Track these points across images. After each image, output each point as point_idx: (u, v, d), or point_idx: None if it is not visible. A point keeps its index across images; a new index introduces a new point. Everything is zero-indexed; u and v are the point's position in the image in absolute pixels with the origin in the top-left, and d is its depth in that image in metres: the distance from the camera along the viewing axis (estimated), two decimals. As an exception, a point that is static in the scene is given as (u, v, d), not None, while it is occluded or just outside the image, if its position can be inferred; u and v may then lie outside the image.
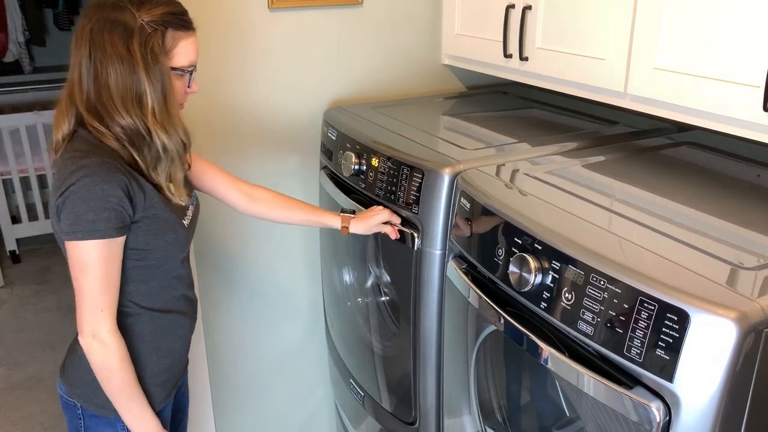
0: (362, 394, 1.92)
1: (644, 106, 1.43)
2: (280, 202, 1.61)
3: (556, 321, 1.12)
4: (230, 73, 1.89)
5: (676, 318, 0.92)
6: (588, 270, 1.06)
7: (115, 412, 1.30)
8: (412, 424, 1.71)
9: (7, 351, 3.29)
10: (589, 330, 1.05)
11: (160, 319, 1.35)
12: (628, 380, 1.00)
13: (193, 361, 2.06)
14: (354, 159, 1.69)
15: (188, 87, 1.31)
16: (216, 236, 2.01)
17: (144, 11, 1.19)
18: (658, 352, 0.95)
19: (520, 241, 1.21)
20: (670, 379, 0.94)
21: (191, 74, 1.29)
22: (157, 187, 1.26)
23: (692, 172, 1.45)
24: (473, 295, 1.32)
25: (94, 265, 1.18)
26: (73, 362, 1.34)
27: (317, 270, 2.20)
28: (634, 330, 0.98)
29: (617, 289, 1.01)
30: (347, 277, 1.93)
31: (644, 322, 0.96)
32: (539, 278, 1.15)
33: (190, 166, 1.42)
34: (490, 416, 1.39)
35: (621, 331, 1.00)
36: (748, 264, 1.03)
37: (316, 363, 2.32)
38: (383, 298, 1.78)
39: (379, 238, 1.67)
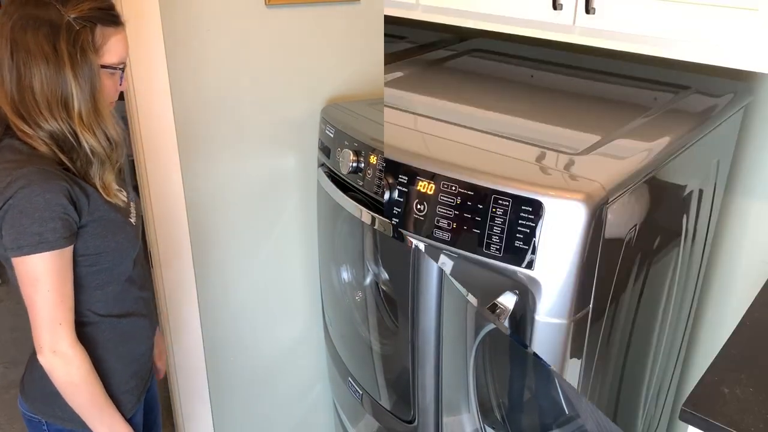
0: (360, 392, 1.92)
1: (437, 16, 1.35)
2: None
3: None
4: (227, 71, 1.88)
5: (530, 209, 0.98)
6: (438, 178, 1.11)
7: (81, 423, 1.25)
8: (411, 422, 1.71)
9: (3, 349, 3.28)
10: (446, 236, 1.10)
11: (121, 325, 1.31)
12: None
13: (190, 358, 2.06)
14: (352, 156, 1.68)
15: (119, 84, 1.25)
16: (213, 234, 2.00)
17: (70, 7, 1.12)
18: (517, 243, 1.01)
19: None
20: (531, 266, 1.00)
21: (122, 71, 1.24)
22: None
23: (481, 79, 1.50)
24: (472, 292, 1.32)
25: (45, 278, 1.14)
26: (33, 377, 1.30)
27: (315, 268, 2.19)
28: (491, 228, 1.03)
29: (470, 192, 1.05)
30: (345, 275, 1.93)
31: (500, 218, 1.02)
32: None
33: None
34: (489, 414, 1.39)
35: (478, 231, 1.05)
36: (579, 149, 1.11)
37: (314, 361, 2.31)
38: (381, 296, 1.77)
39: (378, 235, 1.66)
